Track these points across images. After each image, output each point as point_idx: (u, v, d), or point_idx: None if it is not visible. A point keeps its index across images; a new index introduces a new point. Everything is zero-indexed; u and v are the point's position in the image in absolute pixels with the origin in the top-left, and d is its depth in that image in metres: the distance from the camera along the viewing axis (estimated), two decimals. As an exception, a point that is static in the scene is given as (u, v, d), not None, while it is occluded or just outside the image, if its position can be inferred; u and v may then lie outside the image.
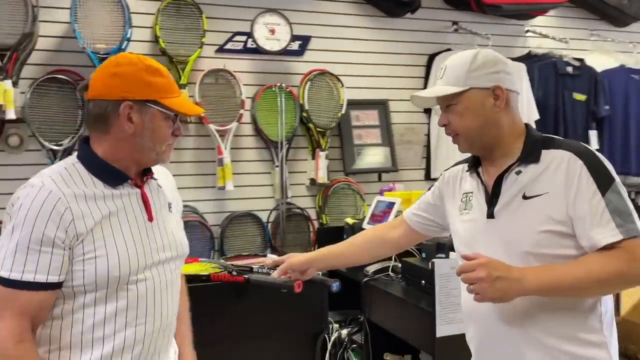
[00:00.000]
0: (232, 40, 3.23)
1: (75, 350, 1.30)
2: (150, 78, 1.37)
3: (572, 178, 1.31)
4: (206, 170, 3.17)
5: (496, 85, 1.40)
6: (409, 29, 3.61)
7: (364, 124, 3.49)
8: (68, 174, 1.32)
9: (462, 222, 1.51)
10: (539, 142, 1.42)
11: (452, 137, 1.48)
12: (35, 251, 1.24)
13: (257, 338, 1.94)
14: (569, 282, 1.27)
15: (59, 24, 2.89)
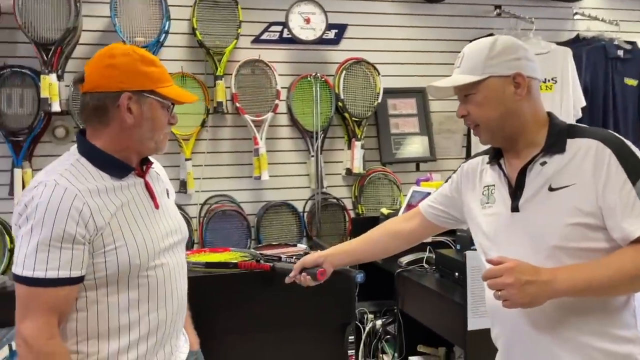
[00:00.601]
0: (267, 31, 3.24)
1: (103, 339, 1.32)
2: (146, 68, 1.39)
3: (601, 167, 1.25)
4: (243, 160, 3.20)
5: (517, 72, 1.34)
6: (449, 14, 3.52)
7: (401, 112, 3.43)
8: (76, 170, 1.33)
9: (484, 216, 1.44)
10: (563, 131, 1.35)
11: (473, 129, 1.43)
12: (57, 248, 1.25)
13: (285, 327, 1.95)
14: (600, 281, 1.21)
15: (101, 18, 2.98)
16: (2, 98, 2.82)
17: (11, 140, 2.82)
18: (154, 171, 1.51)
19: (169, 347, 1.45)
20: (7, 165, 2.86)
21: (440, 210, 1.62)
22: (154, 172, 1.51)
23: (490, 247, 1.42)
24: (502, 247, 1.38)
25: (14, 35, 2.85)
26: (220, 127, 3.19)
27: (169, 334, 1.44)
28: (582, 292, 1.23)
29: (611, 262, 1.22)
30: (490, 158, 1.47)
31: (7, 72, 2.82)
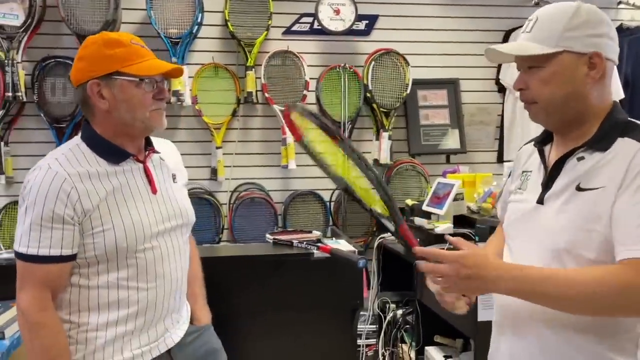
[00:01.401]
0: (299, 22, 3.29)
1: (93, 312, 1.41)
2: (109, 51, 1.40)
3: (630, 174, 1.11)
4: (272, 149, 3.27)
5: (595, 51, 1.17)
6: (484, 4, 3.45)
7: (431, 104, 3.41)
8: (72, 155, 1.40)
9: (513, 202, 1.36)
10: (618, 126, 1.19)
11: (526, 104, 1.26)
12: (48, 228, 1.34)
13: (295, 310, 2.01)
14: (547, 293, 1.12)
15: (139, 11, 3.11)
16: (47, 87, 3.00)
17: (55, 126, 3.00)
18: (158, 157, 1.54)
19: (162, 326, 1.51)
20: (50, 151, 3.02)
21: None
22: (158, 157, 1.54)
23: (511, 235, 1.35)
24: (518, 237, 1.32)
25: (58, 28, 3.02)
26: (251, 116, 3.27)
27: (160, 314, 1.49)
28: (527, 298, 1.15)
29: (571, 276, 1.12)
30: (537, 141, 1.35)
31: (51, 63, 3.00)
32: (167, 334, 1.52)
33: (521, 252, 1.29)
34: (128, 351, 1.43)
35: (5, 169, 2.96)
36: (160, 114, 1.46)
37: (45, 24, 2.99)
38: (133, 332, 1.45)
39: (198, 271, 1.78)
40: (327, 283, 2.02)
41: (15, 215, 2.95)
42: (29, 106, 3.02)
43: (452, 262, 1.11)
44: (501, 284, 1.14)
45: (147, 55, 1.45)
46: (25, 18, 2.85)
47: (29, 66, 2.98)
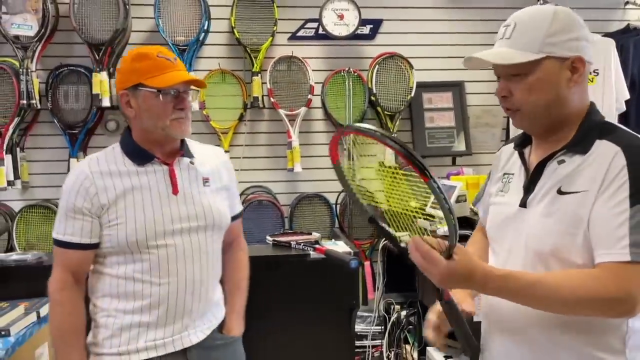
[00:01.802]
0: (304, 28, 3.34)
1: (113, 299, 1.56)
2: (136, 64, 1.56)
3: (608, 177, 1.12)
4: (279, 153, 3.33)
5: (577, 55, 1.17)
6: (488, 6, 3.46)
7: (436, 106, 3.43)
8: (104, 155, 1.59)
9: (494, 205, 1.37)
10: (595, 129, 1.20)
11: (509, 111, 1.26)
12: (72, 218, 1.52)
13: (294, 310, 2.05)
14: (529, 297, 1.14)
15: (148, 19, 3.19)
16: (60, 94, 3.11)
17: (68, 132, 3.10)
18: (187, 161, 1.63)
19: (180, 325, 1.57)
20: (64, 156, 3.14)
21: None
22: (187, 161, 1.62)
23: (495, 238, 1.36)
24: (501, 240, 1.32)
25: (70, 37, 3.12)
26: (258, 121, 3.34)
27: (174, 311, 1.56)
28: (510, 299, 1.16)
29: (553, 281, 1.13)
30: (517, 144, 1.35)
31: (64, 71, 3.10)
32: (185, 333, 1.58)
33: (507, 255, 1.30)
34: (142, 342, 1.53)
35: (21, 174, 3.07)
36: (181, 122, 1.56)
37: (58, 34, 3.10)
38: (148, 325, 1.54)
39: (241, 282, 1.80)
40: (323, 283, 2.06)
41: (30, 218, 3.06)
42: (43, 113, 3.13)
43: (442, 270, 1.10)
44: (484, 290, 1.17)
45: (169, 68, 1.55)
46: (39, 28, 2.96)
47: (43, 74, 3.09)
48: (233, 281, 1.77)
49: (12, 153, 3.01)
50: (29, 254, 2.16)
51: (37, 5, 2.97)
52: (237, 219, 1.80)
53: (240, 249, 1.83)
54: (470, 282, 1.12)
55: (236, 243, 1.82)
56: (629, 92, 3.19)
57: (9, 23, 2.93)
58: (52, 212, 3.07)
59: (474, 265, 1.12)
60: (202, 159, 1.67)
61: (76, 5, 2.98)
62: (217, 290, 1.70)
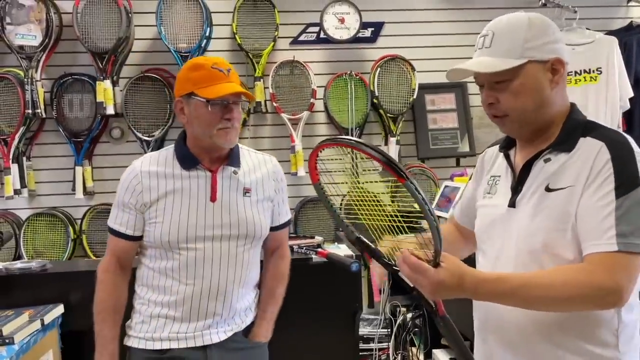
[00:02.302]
0: (305, 32, 3.36)
1: (149, 289, 1.68)
2: (190, 74, 1.63)
3: (594, 172, 1.15)
4: (283, 157, 3.30)
5: (556, 57, 1.21)
6: (490, 6, 3.45)
7: (439, 107, 3.43)
8: (157, 156, 1.69)
9: (483, 207, 1.38)
10: (579, 127, 1.23)
11: (496, 118, 1.27)
12: (121, 210, 1.67)
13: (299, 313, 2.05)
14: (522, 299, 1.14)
15: (150, 27, 3.22)
16: (65, 103, 3.14)
17: (73, 141, 3.13)
18: (231, 170, 1.67)
19: (202, 324, 1.64)
20: (70, 164, 3.17)
21: (468, 212, 1.49)
22: (230, 170, 1.67)
23: (483, 239, 1.38)
24: (491, 241, 1.34)
25: (74, 46, 3.15)
26: (261, 125, 3.35)
27: (197, 311, 1.63)
28: (502, 302, 1.18)
29: (543, 280, 1.14)
30: (502, 146, 1.38)
31: (68, 80, 3.13)
32: (207, 331, 1.65)
33: (497, 256, 1.31)
34: (167, 332, 1.64)
35: (27, 183, 3.10)
36: (227, 132, 1.61)
37: (62, 43, 3.14)
38: (174, 318, 1.63)
39: (276, 290, 1.82)
40: (327, 287, 2.06)
41: (37, 226, 3.09)
42: (48, 122, 3.17)
43: (432, 280, 1.11)
44: (475, 296, 1.17)
45: (221, 79, 1.60)
46: (43, 38, 3.00)
47: (47, 84, 3.13)
48: (268, 288, 1.81)
49: (19, 162, 3.05)
50: (34, 262, 2.19)
51: (41, 15, 3.01)
52: (282, 228, 1.84)
53: (281, 257, 1.86)
54: (461, 289, 1.13)
55: (279, 251, 1.86)
56: (633, 90, 3.17)
57: (13, 33, 2.97)
58: (59, 220, 3.10)
59: (463, 271, 1.13)
60: (249, 168, 1.72)
61: (79, 15, 3.02)
62: (246, 297, 1.73)
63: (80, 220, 3.15)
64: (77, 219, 3.17)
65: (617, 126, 3.15)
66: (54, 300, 2.04)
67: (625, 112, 3.20)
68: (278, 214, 1.80)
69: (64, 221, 3.11)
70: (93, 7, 3.04)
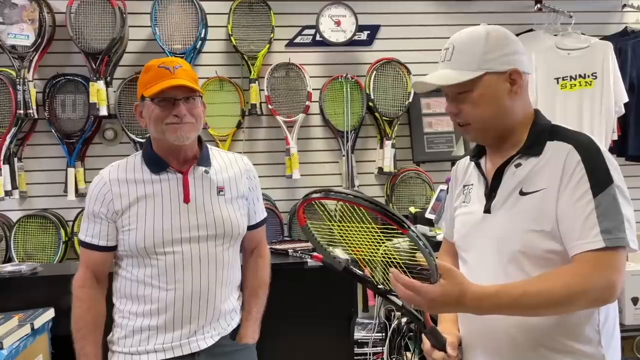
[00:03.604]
0: (301, 34, 3.34)
1: (128, 300, 1.64)
2: (142, 77, 1.65)
3: (567, 173, 1.20)
4: (277, 160, 3.32)
5: (513, 68, 1.28)
6: (486, 11, 3.46)
7: (435, 111, 3.42)
8: (124, 163, 1.67)
9: (460, 215, 1.42)
10: (545, 132, 1.29)
11: (461, 127, 1.35)
12: (92, 221, 1.63)
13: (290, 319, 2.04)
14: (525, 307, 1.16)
15: (145, 28, 3.19)
16: (57, 104, 3.10)
17: (65, 142, 3.09)
18: (202, 170, 1.66)
19: (187, 329, 1.60)
20: (62, 165, 3.13)
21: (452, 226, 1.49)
22: (201, 170, 1.66)
23: (462, 247, 1.40)
24: (470, 248, 1.36)
25: (67, 47, 3.12)
26: (256, 128, 3.33)
27: (181, 317, 1.59)
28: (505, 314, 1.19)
29: (541, 286, 1.16)
30: (472, 156, 1.44)
31: (61, 80, 3.10)
32: (193, 338, 1.62)
33: (477, 262, 1.34)
34: (152, 344, 1.60)
35: (19, 184, 3.06)
36: (176, 128, 1.59)
37: (55, 43, 3.10)
38: (157, 328, 1.60)
39: (259, 289, 1.82)
40: (322, 291, 2.05)
41: (28, 228, 3.05)
42: (40, 123, 3.13)
43: (430, 296, 1.11)
44: (478, 311, 1.18)
45: (165, 77, 1.59)
46: (35, 38, 2.96)
47: (40, 84, 3.09)
48: (251, 288, 1.80)
49: (10, 163, 3.00)
50: (24, 265, 2.15)
51: (34, 15, 2.97)
52: (258, 227, 1.84)
53: (260, 256, 1.85)
54: (461, 305, 1.14)
55: (257, 250, 1.86)
56: (628, 95, 3.18)
57: (5, 33, 2.94)
58: (50, 222, 3.06)
59: (464, 288, 1.14)
60: (220, 167, 1.71)
61: (73, 15, 2.99)
62: (230, 298, 1.71)
63: (72, 223, 3.12)
64: (68, 221, 3.13)
65: (612, 131, 3.16)
66: (45, 304, 2.01)
67: (620, 117, 3.21)
68: (254, 212, 1.80)
69: (56, 223, 3.07)
70: (87, 7, 3.01)
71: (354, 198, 1.08)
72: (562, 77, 3.17)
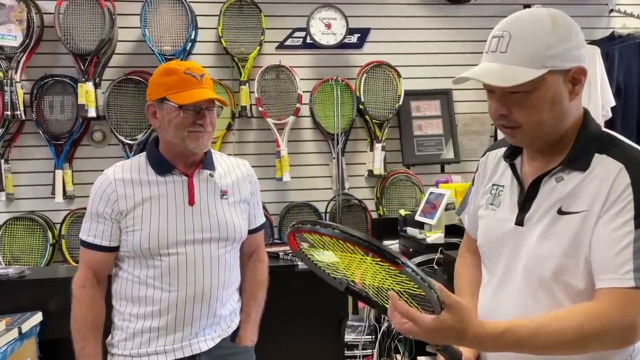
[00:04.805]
0: (292, 37, 3.34)
1: (129, 303, 1.63)
2: (163, 79, 1.61)
3: (613, 197, 1.06)
4: (268, 162, 3.31)
5: (578, 66, 1.08)
6: (475, 15, 3.49)
7: (424, 114, 3.44)
8: (130, 163, 1.66)
9: (486, 218, 1.28)
10: (594, 142, 1.12)
11: (507, 129, 1.15)
12: (95, 221, 1.61)
13: (281, 322, 2.03)
14: (531, 349, 1.05)
15: (134, 29, 3.17)
16: (45, 105, 3.07)
17: (53, 143, 3.06)
18: (207, 173, 1.67)
19: (189, 331, 1.61)
20: (49, 167, 3.10)
21: (475, 220, 1.36)
22: (206, 173, 1.67)
23: (488, 255, 1.29)
24: (497, 259, 1.25)
25: (55, 47, 3.09)
26: (246, 130, 3.32)
27: (183, 318, 1.60)
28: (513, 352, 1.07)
29: (554, 327, 1.04)
30: (506, 154, 1.26)
31: (49, 81, 3.07)
32: (194, 340, 1.63)
33: (503, 276, 1.23)
34: (153, 347, 1.59)
35: (5, 186, 3.02)
36: (199, 136, 1.60)
37: (43, 44, 3.07)
38: (159, 330, 1.59)
39: (257, 292, 1.83)
40: (312, 294, 2.04)
41: (15, 231, 3.02)
42: (28, 124, 3.09)
43: (428, 328, 1.00)
44: (483, 349, 1.10)
45: (194, 85, 1.59)
46: (23, 38, 2.93)
47: (27, 85, 3.06)
48: (249, 291, 1.81)
49: (-4, 165, 2.98)
50: (11, 268, 2.13)
51: (22, 15, 2.94)
52: (257, 231, 1.85)
53: (259, 260, 1.87)
54: (463, 341, 1.02)
55: (256, 254, 1.87)
56: (615, 99, 3.22)
57: (-8, 33, 2.90)
58: (38, 225, 3.03)
59: (467, 325, 1.01)
60: (223, 171, 1.73)
61: (61, 16, 2.96)
62: (230, 301, 1.73)
63: (59, 225, 3.09)
64: (56, 223, 3.10)
65: (599, 135, 3.18)
66: (33, 307, 1.99)
67: (607, 120, 3.24)
68: (254, 217, 1.82)
69: (43, 226, 3.04)
70: (75, 8, 2.98)
71: (340, 234, 0.95)
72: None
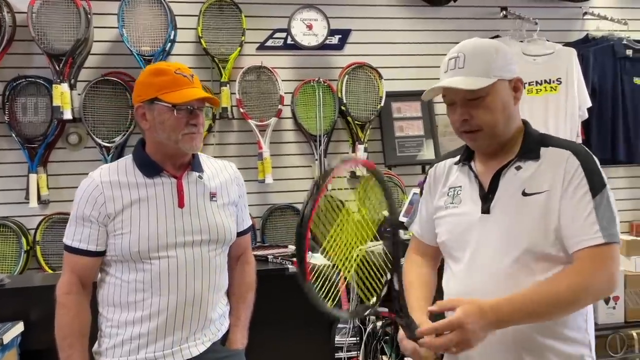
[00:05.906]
0: (272, 37, 3.31)
1: (117, 308, 1.58)
2: (153, 79, 1.58)
3: (568, 176, 1.31)
4: (249, 164, 3.26)
5: (517, 77, 1.39)
6: (454, 17, 3.53)
7: (405, 115, 3.45)
8: (116, 166, 1.62)
9: (450, 216, 1.46)
10: (537, 139, 1.41)
11: (468, 133, 1.38)
12: (80, 225, 1.57)
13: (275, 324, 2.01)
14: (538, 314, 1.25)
15: (111, 29, 3.09)
16: (18, 107, 2.96)
17: (27, 147, 2.96)
18: (196, 175, 1.65)
19: (179, 336, 1.58)
20: (23, 171, 2.99)
21: (429, 227, 1.56)
22: (195, 175, 1.65)
23: (455, 247, 1.44)
24: (466, 247, 1.41)
25: (28, 47, 2.99)
26: (227, 132, 3.28)
27: (174, 322, 1.57)
28: (521, 323, 1.28)
29: (548, 291, 1.25)
30: (461, 159, 1.49)
31: (22, 82, 2.97)
32: (185, 345, 1.59)
33: (473, 261, 1.39)
34: (143, 353, 1.55)
35: (-24, 191, 2.91)
36: (193, 137, 1.58)
37: (16, 44, 2.97)
38: (148, 335, 1.55)
39: (246, 295, 1.83)
40: (303, 297, 2.01)
41: (-11, 237, 2.90)
42: (0, 127, 2.98)
43: (455, 328, 1.18)
44: (499, 324, 1.23)
45: (186, 84, 1.58)
46: (-6, 38, 2.83)
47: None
48: (238, 294, 1.80)
49: (-33, 169, 2.86)
50: (-10, 276, 2.05)
51: (-7, 14, 2.84)
52: (245, 233, 1.84)
53: (246, 263, 1.86)
54: (485, 318, 1.20)
55: (243, 257, 1.86)
56: (590, 100, 3.29)
57: (-38, 33, 2.79)
58: (11, 231, 2.93)
59: (479, 302, 1.22)
60: (211, 173, 1.71)
61: (35, 15, 2.87)
62: (220, 304, 1.71)
63: (34, 231, 2.98)
64: (30, 229, 3.00)
65: (576, 135, 3.27)
66: (13, 317, 1.91)
67: (584, 121, 3.32)
68: (242, 220, 1.82)
69: (17, 232, 2.93)
70: (49, 7, 2.89)
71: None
72: (529, 82, 3.25)
